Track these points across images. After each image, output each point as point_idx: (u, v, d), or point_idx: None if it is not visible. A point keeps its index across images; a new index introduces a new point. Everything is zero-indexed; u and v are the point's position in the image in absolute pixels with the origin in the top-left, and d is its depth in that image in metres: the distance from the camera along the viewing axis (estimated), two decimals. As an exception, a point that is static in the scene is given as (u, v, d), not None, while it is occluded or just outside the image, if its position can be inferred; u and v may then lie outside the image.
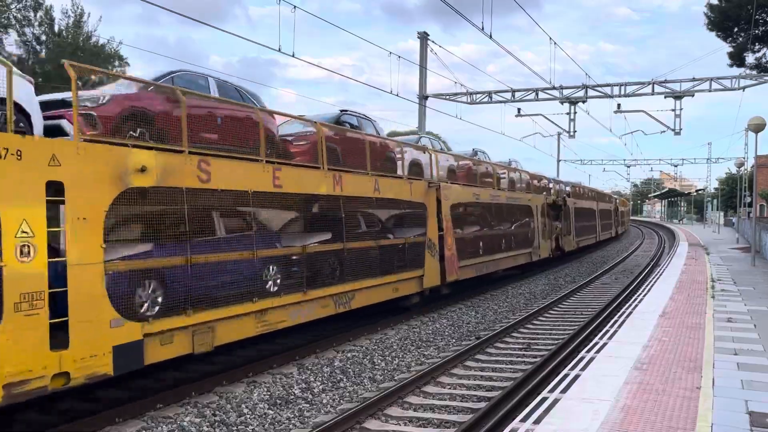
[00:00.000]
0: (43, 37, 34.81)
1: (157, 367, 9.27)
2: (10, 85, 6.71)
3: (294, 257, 11.02)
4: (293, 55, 16.93)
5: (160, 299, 8.25)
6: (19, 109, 7.20)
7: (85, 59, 30.94)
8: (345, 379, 10.01)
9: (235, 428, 7.86)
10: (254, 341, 11.60)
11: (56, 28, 35.50)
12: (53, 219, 6.98)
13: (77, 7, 36.07)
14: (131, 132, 8.36)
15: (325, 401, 8.95)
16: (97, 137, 7.91)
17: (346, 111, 15.08)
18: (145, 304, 8.08)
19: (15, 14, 34.30)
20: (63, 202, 7.03)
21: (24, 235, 6.48)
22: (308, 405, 8.78)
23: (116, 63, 37.30)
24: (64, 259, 6.96)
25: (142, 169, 7.89)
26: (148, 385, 9.35)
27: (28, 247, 6.52)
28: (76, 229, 7.03)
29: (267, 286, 10.23)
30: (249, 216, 9.94)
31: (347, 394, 9.34)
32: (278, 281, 10.51)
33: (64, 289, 6.89)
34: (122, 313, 7.57)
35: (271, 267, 10.31)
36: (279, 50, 16.44)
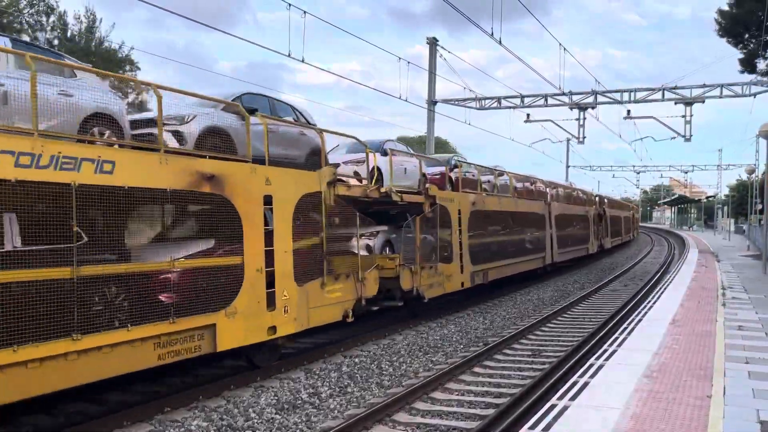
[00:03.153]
0: (56, 42, 35.13)
1: (164, 370, 9.31)
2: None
3: None
4: (303, 60, 16.97)
5: None
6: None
7: (97, 64, 31.20)
8: (352, 384, 10.00)
9: (242, 433, 7.85)
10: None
11: (69, 33, 35.86)
12: None
13: (90, 13, 36.45)
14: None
15: (332, 406, 8.94)
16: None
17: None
18: None
19: (27, 19, 34.66)
20: None
21: None
22: (315, 410, 8.77)
23: (127, 67, 37.64)
24: None
25: None
26: (157, 389, 9.38)
27: None
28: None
29: None
30: None
31: (354, 399, 9.32)
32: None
33: None
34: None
35: None
36: (289, 55, 16.50)
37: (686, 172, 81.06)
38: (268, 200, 10.02)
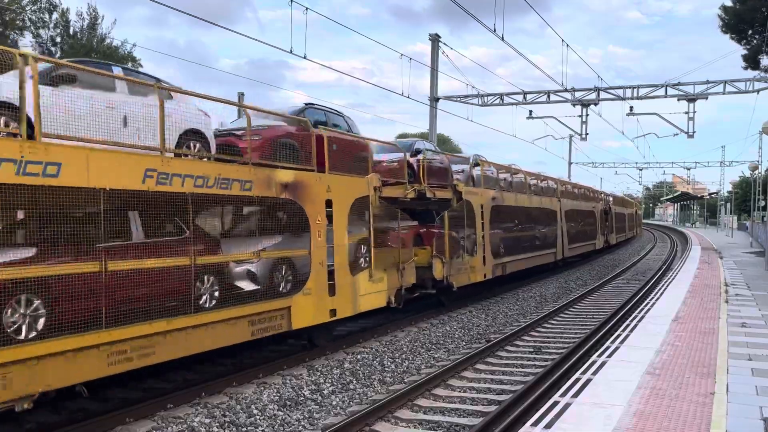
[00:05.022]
0: (58, 39, 35.15)
1: (167, 367, 9.32)
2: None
3: None
4: (305, 57, 16.95)
5: None
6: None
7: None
8: (354, 381, 10.00)
9: (244, 429, 7.86)
10: (263, 343, 11.62)
11: (71, 30, 35.87)
12: None
13: (92, 10, 36.46)
14: None
15: (334, 403, 8.95)
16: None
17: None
18: None
19: (30, 16, 34.67)
20: None
21: None
22: (318, 407, 8.77)
23: (129, 64, 37.64)
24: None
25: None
26: (159, 386, 9.39)
27: None
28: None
29: None
30: None
31: (357, 396, 9.33)
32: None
33: None
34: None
35: None
36: (291, 51, 16.49)
37: (689, 169, 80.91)
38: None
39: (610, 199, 43.14)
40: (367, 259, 12.65)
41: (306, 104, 12.53)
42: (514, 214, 21.65)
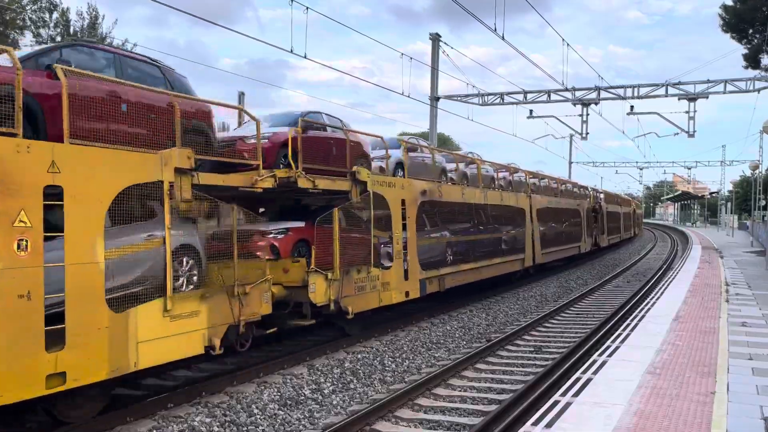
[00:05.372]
0: (59, 39, 35.14)
1: (168, 366, 9.32)
2: None
3: None
4: (305, 56, 16.96)
5: None
6: None
7: (99, 60, 31.19)
8: (355, 381, 10.00)
9: (245, 428, 7.87)
10: (263, 341, 11.63)
11: (71, 30, 35.86)
12: None
13: (92, 9, 36.47)
14: None
15: (335, 402, 8.95)
16: None
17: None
18: None
19: (30, 15, 34.69)
20: None
21: None
22: (318, 406, 8.78)
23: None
24: None
25: None
26: (160, 385, 9.39)
27: None
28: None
29: None
30: None
31: (357, 395, 9.33)
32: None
33: None
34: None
35: None
36: (291, 51, 16.50)
37: (689, 168, 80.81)
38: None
39: (601, 196, 39.09)
40: (164, 281, 8.02)
41: (73, 40, 8.21)
42: (460, 212, 17.27)
